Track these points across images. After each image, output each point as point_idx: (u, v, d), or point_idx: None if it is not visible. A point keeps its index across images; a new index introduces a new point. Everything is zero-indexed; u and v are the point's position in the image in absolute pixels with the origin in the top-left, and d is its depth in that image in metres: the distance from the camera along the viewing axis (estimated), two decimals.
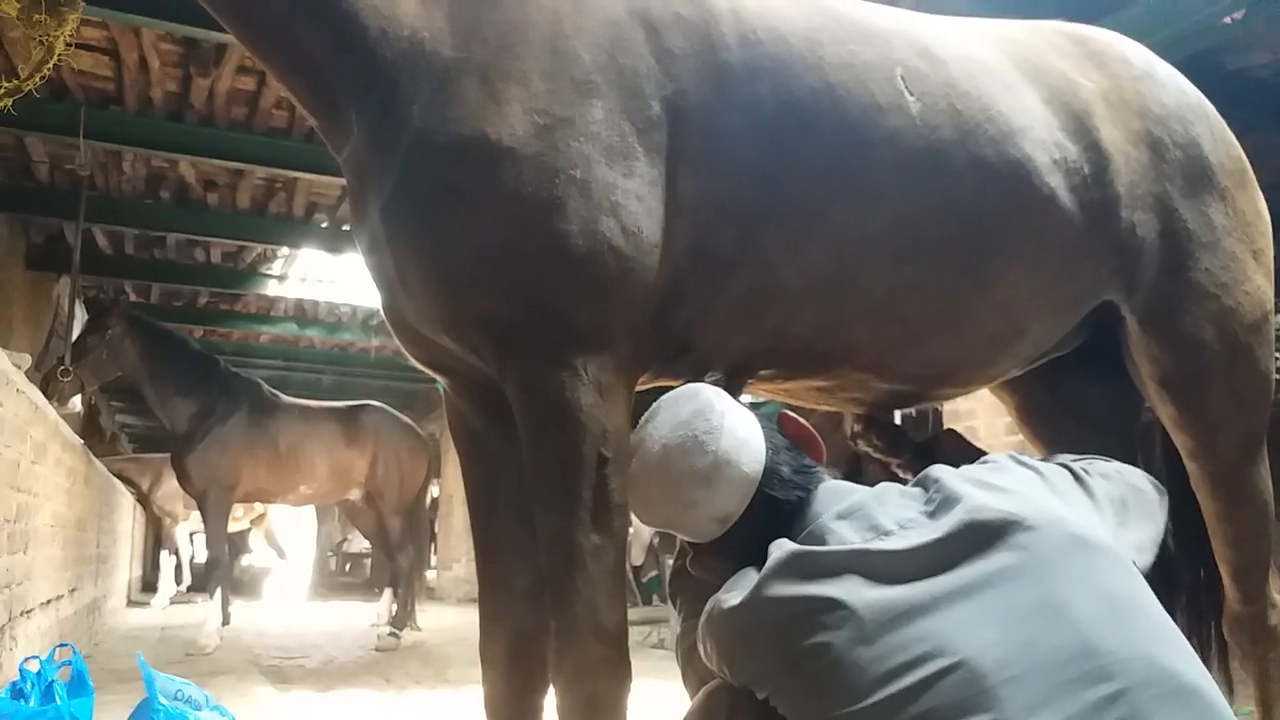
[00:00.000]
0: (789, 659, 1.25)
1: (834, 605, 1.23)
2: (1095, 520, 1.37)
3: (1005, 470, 1.42)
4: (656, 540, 11.24)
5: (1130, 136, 2.16)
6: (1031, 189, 2.00)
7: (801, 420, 1.58)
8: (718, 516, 1.45)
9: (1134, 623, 1.21)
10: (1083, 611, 1.19)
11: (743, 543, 1.42)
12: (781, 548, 1.33)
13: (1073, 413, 2.50)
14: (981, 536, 1.26)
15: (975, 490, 1.33)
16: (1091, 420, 2.49)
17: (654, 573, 11.07)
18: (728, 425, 1.47)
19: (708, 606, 1.39)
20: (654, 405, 1.57)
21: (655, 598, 10.82)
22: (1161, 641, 1.21)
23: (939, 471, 1.40)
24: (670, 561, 7.30)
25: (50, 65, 2.23)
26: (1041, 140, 2.04)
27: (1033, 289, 2.07)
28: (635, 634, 1.82)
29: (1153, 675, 1.15)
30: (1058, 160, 2.05)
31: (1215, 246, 2.19)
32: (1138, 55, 2.33)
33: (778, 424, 1.56)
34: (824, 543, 1.33)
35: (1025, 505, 1.30)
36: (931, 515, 1.33)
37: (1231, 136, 2.36)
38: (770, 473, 1.45)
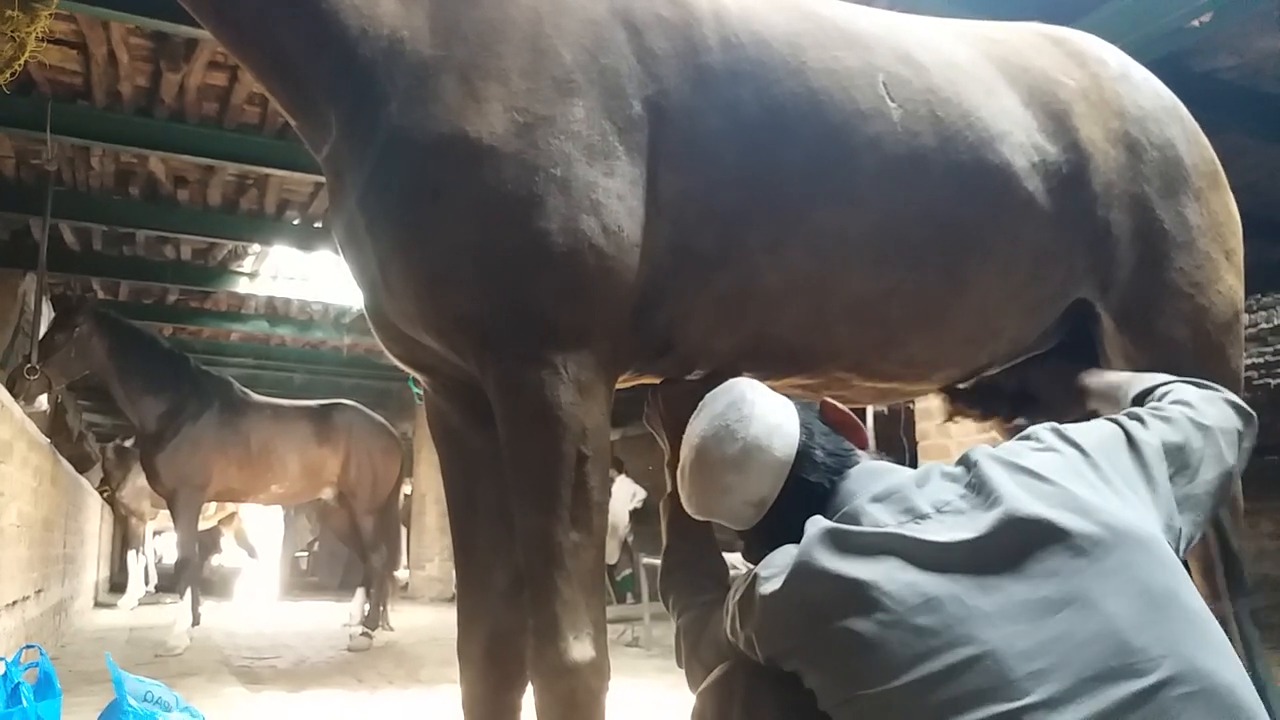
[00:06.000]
0: (822, 637, 1.27)
1: (869, 587, 1.24)
2: (1146, 498, 1.35)
3: (1047, 450, 1.39)
4: (631, 538, 11.25)
5: (1109, 135, 2.19)
6: (1009, 194, 2.02)
7: (842, 407, 1.59)
8: (752, 501, 1.48)
9: (1169, 619, 1.20)
10: (1116, 607, 1.19)
11: (783, 526, 1.43)
12: (816, 524, 1.35)
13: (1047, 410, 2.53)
14: (1018, 540, 1.25)
15: (1013, 485, 1.31)
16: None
17: (628, 570, 11.06)
18: (757, 413, 1.50)
19: (741, 581, 1.41)
20: (699, 404, 1.61)
21: (630, 595, 10.81)
22: (1196, 639, 1.20)
23: (978, 454, 1.39)
24: (646, 560, 7.33)
25: (21, 62, 2.20)
26: (1020, 144, 2.05)
27: (1007, 290, 2.09)
28: (610, 632, 1.82)
29: (1184, 673, 1.14)
30: (1036, 164, 2.06)
31: (1190, 246, 2.22)
32: (1114, 57, 2.36)
33: (819, 411, 1.58)
34: (859, 525, 1.34)
35: (1065, 500, 1.28)
36: (968, 499, 1.33)
37: (1204, 138, 2.39)
38: (803, 456, 1.47)
